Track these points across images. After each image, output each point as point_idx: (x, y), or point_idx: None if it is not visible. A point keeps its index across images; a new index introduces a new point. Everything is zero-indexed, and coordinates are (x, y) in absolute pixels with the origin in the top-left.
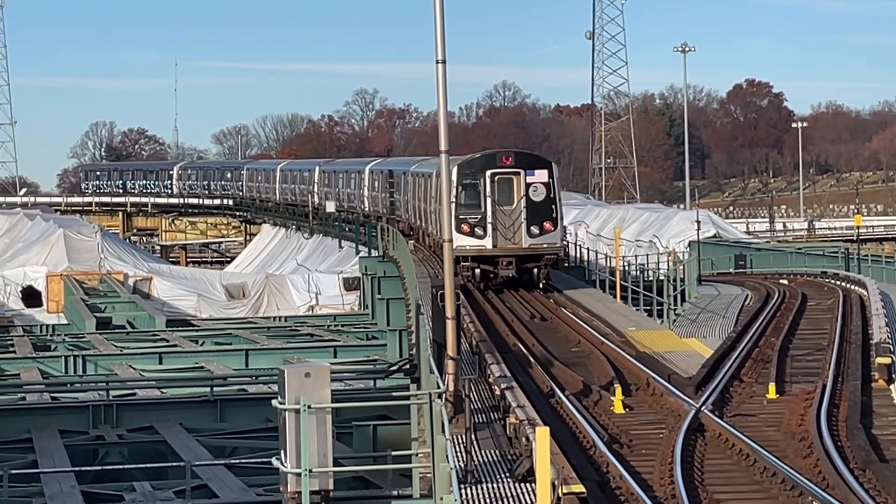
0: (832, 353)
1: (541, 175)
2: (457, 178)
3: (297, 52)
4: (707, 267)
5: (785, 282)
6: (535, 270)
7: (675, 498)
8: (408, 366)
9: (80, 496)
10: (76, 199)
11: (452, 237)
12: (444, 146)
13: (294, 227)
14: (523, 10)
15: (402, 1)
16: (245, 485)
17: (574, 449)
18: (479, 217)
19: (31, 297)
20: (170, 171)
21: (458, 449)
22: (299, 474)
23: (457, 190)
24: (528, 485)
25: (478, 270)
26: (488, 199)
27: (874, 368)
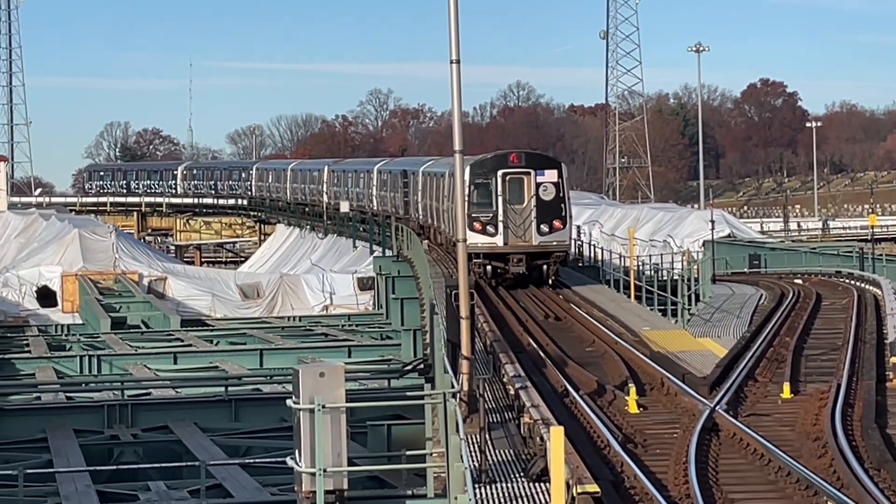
0: (847, 353)
1: (550, 175)
2: (469, 177)
3: (312, 52)
4: (721, 266)
5: (799, 281)
6: (545, 267)
7: (689, 498)
8: (422, 365)
9: (95, 496)
10: (91, 199)
11: (466, 236)
12: (458, 146)
13: (308, 226)
14: (537, 9)
15: (417, 1)
16: (259, 484)
17: (588, 448)
18: (491, 215)
19: (46, 296)
20: (174, 171)
21: (472, 448)
22: (314, 474)
23: (469, 189)
24: (542, 484)
25: (489, 267)
26: (500, 198)
27: (889, 368)
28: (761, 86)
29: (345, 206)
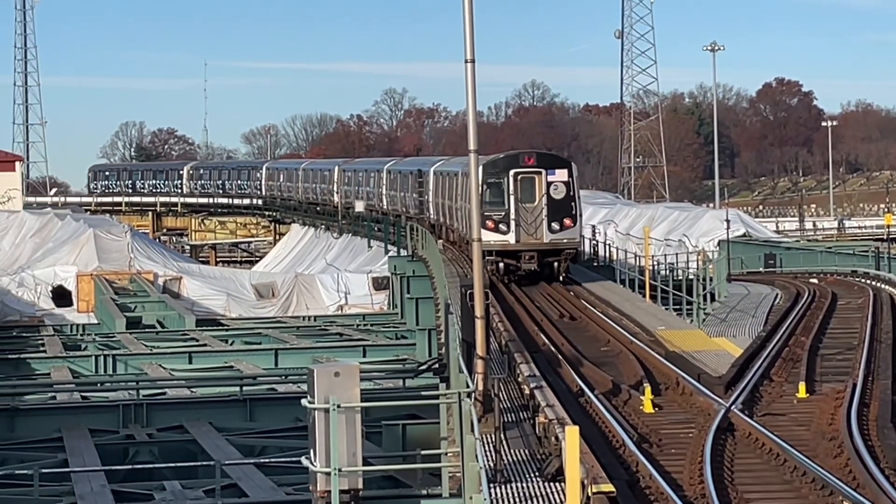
0: (862, 353)
1: (561, 174)
2: (482, 177)
3: (327, 51)
4: (736, 266)
5: (815, 281)
6: (556, 264)
7: (704, 497)
8: (437, 365)
9: (110, 495)
10: (106, 199)
11: (480, 235)
12: (472, 146)
13: (323, 226)
14: (552, 9)
15: (432, 0)
16: (274, 484)
17: (603, 448)
18: (503, 214)
19: (61, 296)
20: (179, 171)
21: (487, 448)
22: (329, 473)
23: (482, 188)
24: (557, 484)
25: (501, 264)
26: (512, 197)
27: None
28: (777, 85)
29: (360, 206)
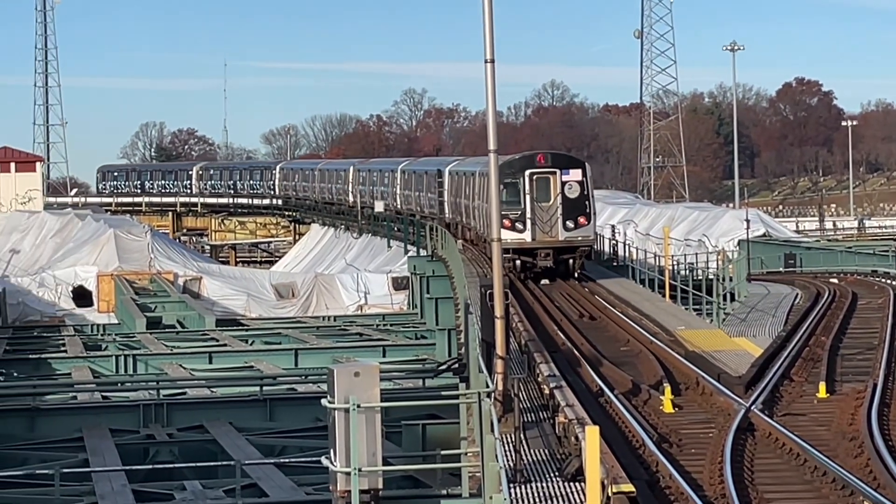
0: (883, 352)
1: (575, 174)
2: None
3: (346, 51)
4: (756, 266)
5: (835, 281)
6: (571, 261)
7: (724, 497)
8: (457, 365)
9: (130, 495)
10: (126, 199)
11: (500, 236)
12: (492, 146)
13: (343, 226)
14: (572, 9)
15: (452, 0)
16: (295, 484)
17: (623, 448)
18: (519, 213)
19: (81, 296)
20: (189, 172)
21: (507, 448)
22: (349, 473)
23: (498, 188)
24: (577, 484)
25: (518, 262)
26: (527, 197)
27: None
28: (797, 84)
29: (379, 206)
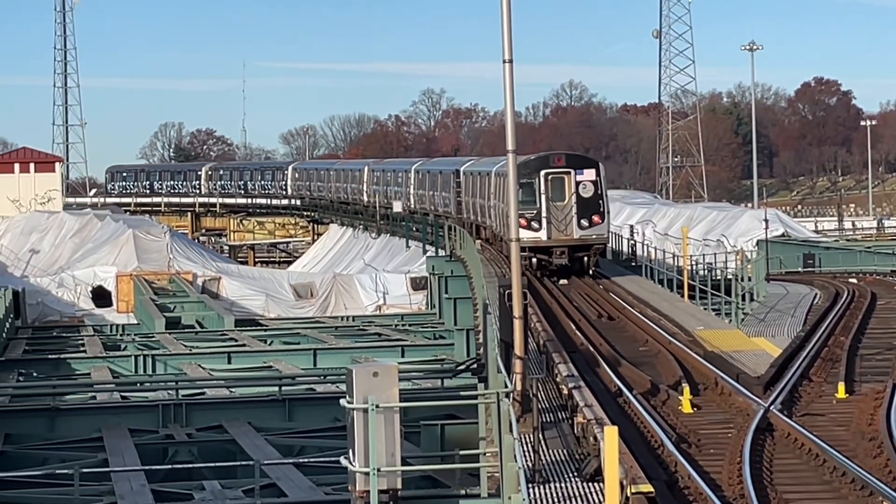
0: None
1: (589, 174)
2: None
3: (365, 52)
4: (775, 266)
5: (854, 281)
6: (585, 259)
7: (743, 498)
8: (475, 365)
9: (150, 495)
10: (145, 200)
11: (519, 236)
12: (510, 146)
13: (361, 226)
14: (590, 9)
15: (470, 0)
16: (313, 484)
17: (642, 448)
18: (535, 212)
19: (101, 297)
20: (198, 172)
21: (525, 448)
22: (367, 473)
23: (517, 189)
24: (596, 484)
25: (534, 259)
26: (543, 196)
27: None
28: (815, 84)
29: (398, 206)
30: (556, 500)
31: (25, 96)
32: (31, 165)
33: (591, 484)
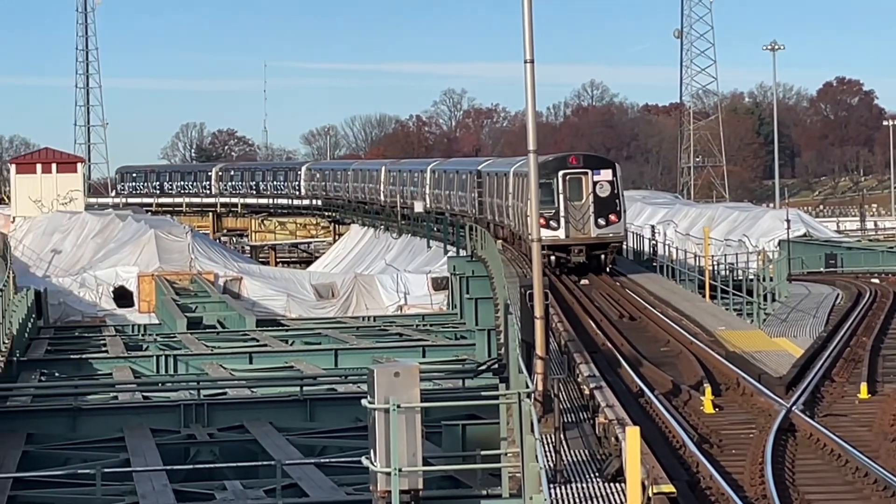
0: None
1: (606, 174)
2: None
3: (386, 52)
4: (797, 266)
5: (876, 281)
6: (603, 257)
7: (765, 498)
8: (496, 365)
9: (171, 495)
10: (167, 200)
11: (540, 236)
12: (532, 146)
13: (382, 226)
14: (611, 9)
15: (491, 0)
16: (335, 484)
17: (664, 449)
18: (553, 211)
19: (122, 297)
20: (208, 173)
21: (547, 448)
22: (389, 473)
23: (537, 189)
24: (617, 484)
25: (553, 257)
26: (561, 196)
27: None
28: (837, 84)
29: (419, 207)
30: (577, 500)
31: (47, 97)
32: (53, 166)
33: (612, 484)
